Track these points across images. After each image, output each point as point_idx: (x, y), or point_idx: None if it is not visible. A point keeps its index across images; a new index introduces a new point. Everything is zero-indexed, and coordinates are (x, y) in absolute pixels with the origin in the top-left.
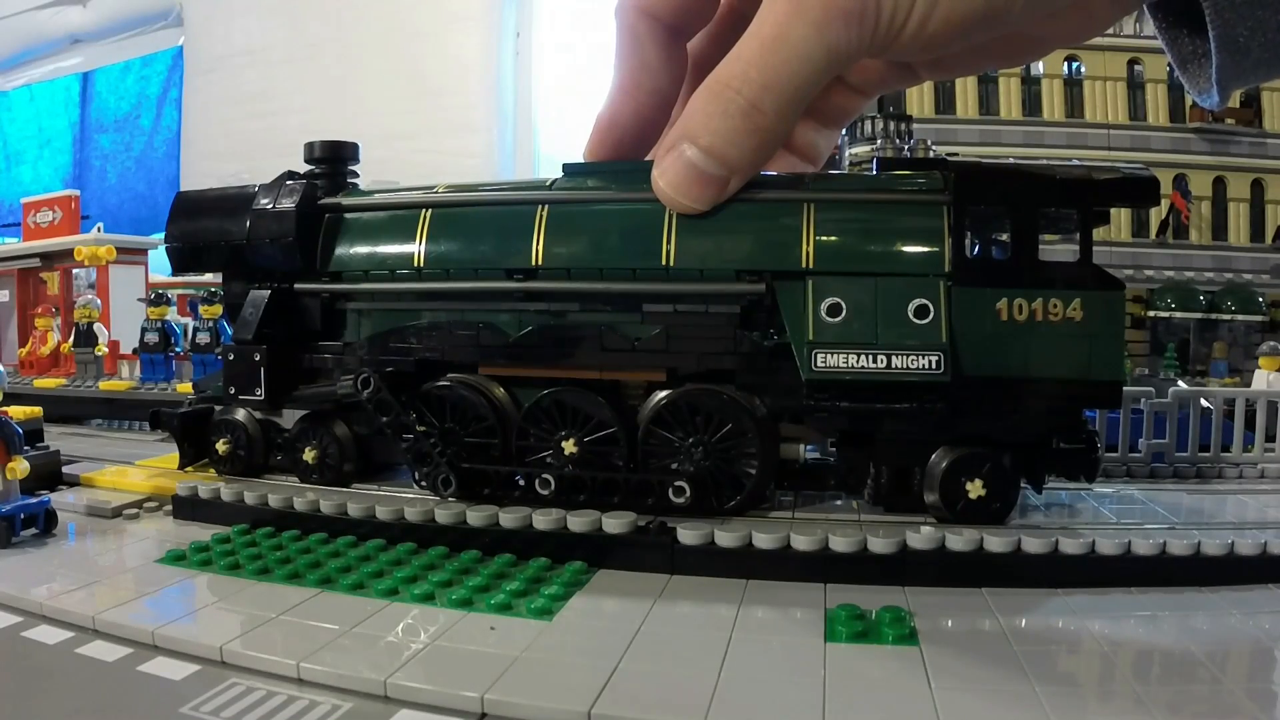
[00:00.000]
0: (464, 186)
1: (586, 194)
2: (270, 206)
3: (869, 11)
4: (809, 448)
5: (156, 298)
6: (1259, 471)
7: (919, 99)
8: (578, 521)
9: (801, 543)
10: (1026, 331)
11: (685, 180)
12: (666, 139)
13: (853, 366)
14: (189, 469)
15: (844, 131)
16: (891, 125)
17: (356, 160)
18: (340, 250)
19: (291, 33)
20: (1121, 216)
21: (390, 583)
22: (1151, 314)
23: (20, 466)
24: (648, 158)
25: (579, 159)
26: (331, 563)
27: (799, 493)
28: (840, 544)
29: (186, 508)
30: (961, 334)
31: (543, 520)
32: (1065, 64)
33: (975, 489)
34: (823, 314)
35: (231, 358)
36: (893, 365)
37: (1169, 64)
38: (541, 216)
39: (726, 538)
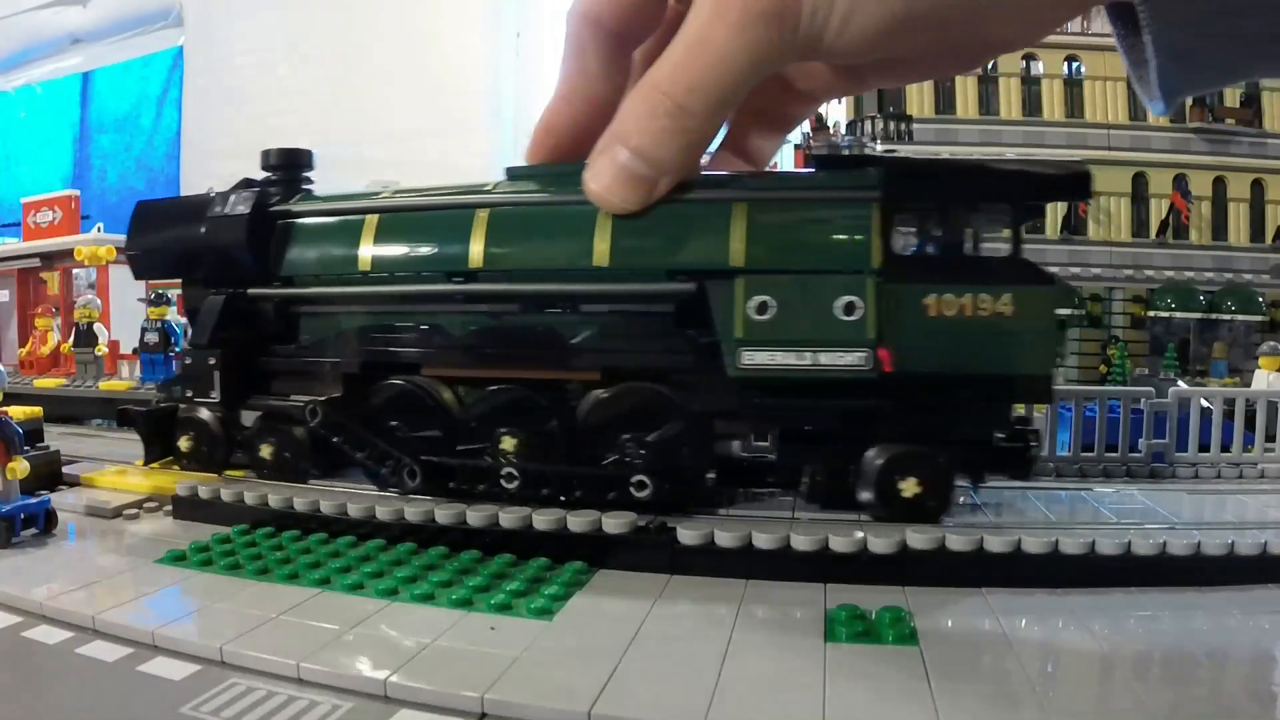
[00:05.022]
0: (410, 191)
1: (524, 196)
2: (223, 213)
3: (788, 14)
4: (754, 443)
5: (156, 298)
6: (1259, 471)
7: (919, 99)
8: (577, 521)
9: (801, 543)
10: (956, 327)
11: (615, 181)
12: (599, 141)
13: (778, 364)
14: (154, 465)
15: (844, 131)
16: (891, 125)
17: (311, 167)
18: (291, 255)
19: (291, 33)
20: (1121, 216)
21: (390, 582)
22: (1151, 314)
23: (20, 466)
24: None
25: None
26: (331, 563)
27: (746, 490)
28: (840, 544)
29: (186, 508)
30: (890, 330)
31: (542, 520)
32: (1065, 64)
33: (910, 487)
34: (751, 312)
35: (188, 361)
36: (819, 362)
37: None
38: (481, 220)
39: (726, 538)
